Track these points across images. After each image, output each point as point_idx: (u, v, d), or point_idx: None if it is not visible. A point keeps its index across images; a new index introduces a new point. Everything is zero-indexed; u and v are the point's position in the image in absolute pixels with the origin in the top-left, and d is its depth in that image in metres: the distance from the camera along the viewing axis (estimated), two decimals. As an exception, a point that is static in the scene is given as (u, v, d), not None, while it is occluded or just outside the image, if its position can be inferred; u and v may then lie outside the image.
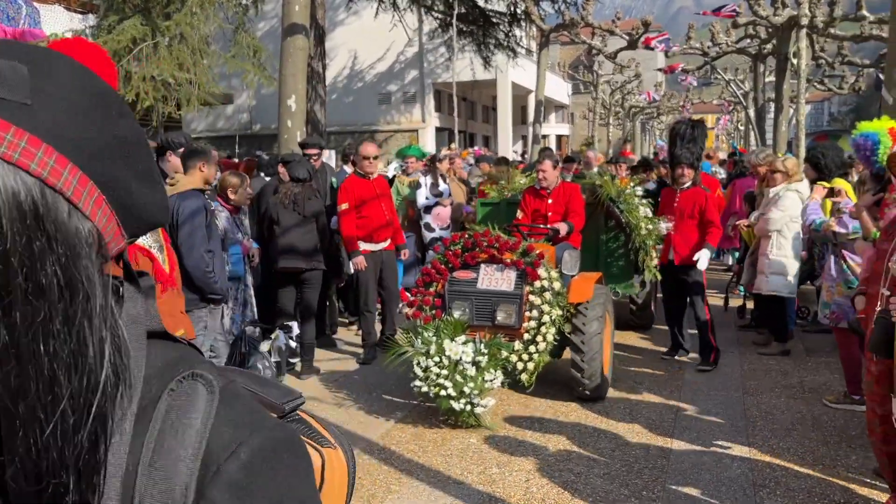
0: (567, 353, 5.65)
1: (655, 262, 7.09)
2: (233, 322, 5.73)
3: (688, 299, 6.63)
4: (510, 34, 19.11)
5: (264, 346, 5.71)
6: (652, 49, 20.14)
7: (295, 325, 6.74)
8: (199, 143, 5.32)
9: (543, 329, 5.17)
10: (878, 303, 3.30)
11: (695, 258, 6.30)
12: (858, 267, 5.18)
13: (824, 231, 5.44)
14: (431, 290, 5.54)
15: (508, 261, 5.39)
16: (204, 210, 4.71)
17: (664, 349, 7.13)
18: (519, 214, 6.57)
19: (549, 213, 6.39)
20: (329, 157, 10.48)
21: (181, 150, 5.28)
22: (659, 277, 6.97)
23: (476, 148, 22.70)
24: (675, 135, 6.72)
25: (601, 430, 5.09)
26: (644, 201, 7.13)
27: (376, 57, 26.28)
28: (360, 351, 7.09)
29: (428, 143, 25.14)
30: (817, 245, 6.89)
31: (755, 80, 24.22)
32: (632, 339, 7.62)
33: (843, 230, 5.21)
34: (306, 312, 6.64)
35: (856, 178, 6.28)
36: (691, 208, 6.43)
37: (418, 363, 5.06)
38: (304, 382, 6.38)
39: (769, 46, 21.16)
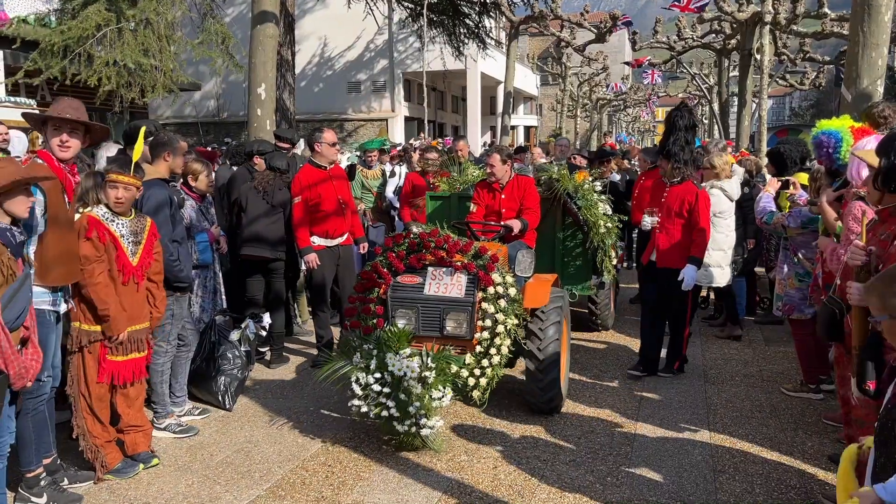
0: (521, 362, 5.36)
1: (615, 261, 6.74)
2: (202, 310, 5.71)
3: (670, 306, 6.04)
4: (480, 25, 19.14)
5: (234, 335, 5.70)
6: (618, 28, 20.26)
7: (266, 315, 6.74)
8: (167, 132, 5.27)
9: (498, 340, 4.69)
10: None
11: (679, 277, 5.77)
12: (808, 261, 5.35)
13: (775, 225, 5.58)
14: (372, 296, 4.93)
15: (459, 264, 4.83)
16: (169, 200, 4.70)
17: (627, 337, 7.28)
18: (473, 208, 6.09)
19: (503, 210, 5.94)
20: (302, 147, 10.41)
21: (149, 139, 5.24)
22: (616, 279, 6.52)
23: (447, 138, 22.72)
24: (666, 124, 6.14)
25: (567, 417, 5.20)
26: (603, 197, 6.77)
27: (346, 45, 26.11)
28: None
29: (397, 133, 25.09)
30: (774, 238, 7.06)
31: (719, 74, 24.60)
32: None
33: (793, 225, 5.35)
34: (276, 302, 6.65)
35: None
36: (679, 206, 5.84)
37: (357, 380, 4.50)
38: (273, 372, 6.39)
39: (733, 42, 21.51)
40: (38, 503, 3.85)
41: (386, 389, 4.43)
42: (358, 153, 10.67)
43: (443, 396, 4.47)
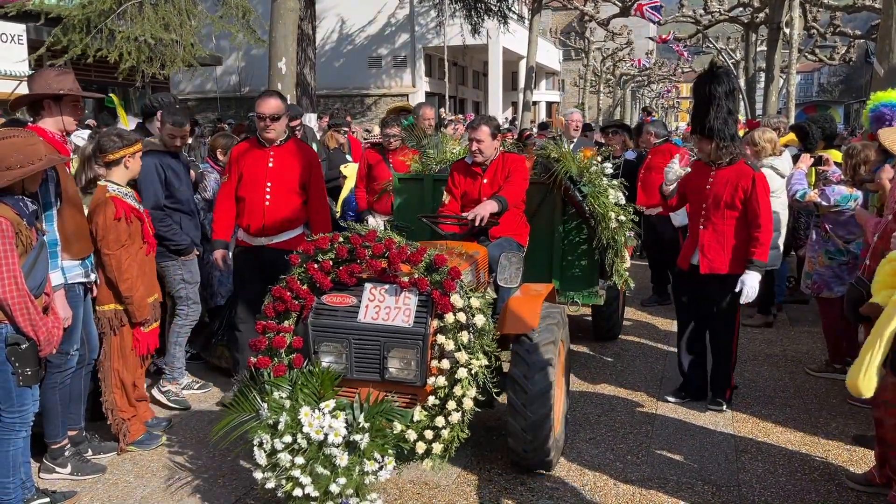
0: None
1: (628, 263, 5.48)
2: (220, 283, 5.76)
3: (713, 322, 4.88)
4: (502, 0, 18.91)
5: (253, 310, 5.73)
6: (644, 17, 20.04)
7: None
8: (183, 104, 5.27)
9: (458, 389, 3.33)
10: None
11: (737, 288, 4.56)
12: (839, 238, 5.24)
13: (807, 202, 5.47)
14: (287, 323, 3.59)
15: (406, 279, 3.48)
16: (157, 167, 4.82)
17: (649, 315, 7.21)
18: (445, 198, 4.90)
19: (485, 198, 4.65)
20: (309, 119, 10.34)
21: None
22: (632, 285, 5.50)
23: (469, 113, 22.59)
24: (697, 94, 4.81)
25: (588, 395, 5.17)
26: (615, 182, 5.42)
27: (367, 20, 25.96)
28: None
29: (417, 109, 24.95)
30: (803, 215, 6.94)
31: (747, 49, 24.16)
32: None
33: (824, 202, 5.24)
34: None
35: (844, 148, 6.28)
36: (731, 194, 4.59)
37: (260, 443, 3.25)
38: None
39: (762, 15, 21.09)
40: (61, 473, 3.92)
41: (299, 459, 3.18)
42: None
43: (381, 468, 3.23)
